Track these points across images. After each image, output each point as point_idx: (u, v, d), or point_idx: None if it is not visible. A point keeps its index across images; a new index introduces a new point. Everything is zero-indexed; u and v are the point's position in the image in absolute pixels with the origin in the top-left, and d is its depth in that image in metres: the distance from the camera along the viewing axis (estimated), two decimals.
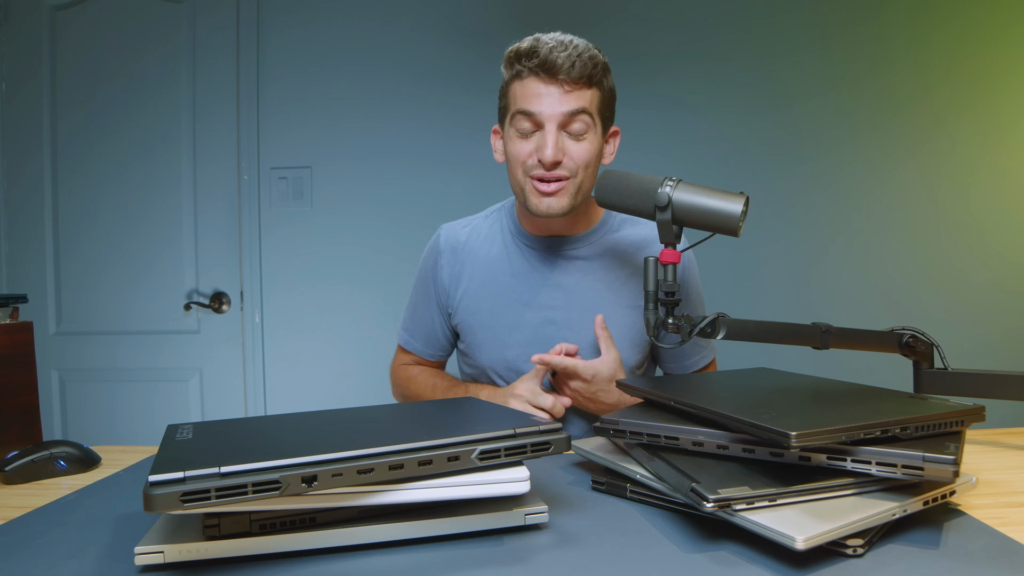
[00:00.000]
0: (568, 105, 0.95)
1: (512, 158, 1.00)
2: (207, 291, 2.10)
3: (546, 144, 0.95)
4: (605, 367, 0.96)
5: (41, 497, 0.72)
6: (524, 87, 0.97)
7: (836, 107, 2.04)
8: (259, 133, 2.09)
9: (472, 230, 1.16)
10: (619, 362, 0.98)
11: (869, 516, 0.51)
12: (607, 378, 0.96)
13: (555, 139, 0.95)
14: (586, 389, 0.97)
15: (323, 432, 0.62)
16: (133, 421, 2.09)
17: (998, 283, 2.04)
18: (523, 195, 1.01)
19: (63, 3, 2.10)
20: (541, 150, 0.95)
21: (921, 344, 0.88)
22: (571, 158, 0.97)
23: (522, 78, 0.97)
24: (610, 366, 0.97)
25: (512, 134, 1.00)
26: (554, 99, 0.95)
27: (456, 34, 2.06)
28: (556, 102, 0.95)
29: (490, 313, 1.09)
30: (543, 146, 0.95)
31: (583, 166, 0.98)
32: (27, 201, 2.11)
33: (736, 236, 0.76)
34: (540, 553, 0.53)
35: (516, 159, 0.99)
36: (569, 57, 0.93)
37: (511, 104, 0.99)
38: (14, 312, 0.97)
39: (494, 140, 1.09)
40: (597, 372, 0.96)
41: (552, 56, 0.93)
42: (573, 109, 0.95)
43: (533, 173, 0.98)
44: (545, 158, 0.95)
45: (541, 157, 0.95)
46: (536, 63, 0.94)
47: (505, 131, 1.02)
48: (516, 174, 1.00)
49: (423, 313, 1.18)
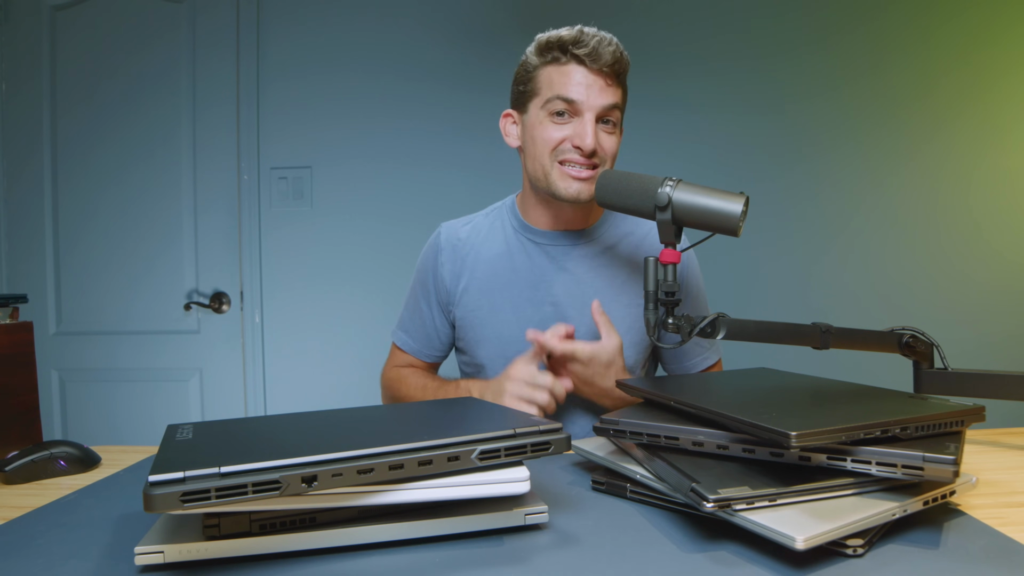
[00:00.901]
0: (608, 98, 0.98)
1: (542, 141, 1.00)
2: (207, 291, 2.10)
3: (586, 132, 0.97)
4: (604, 351, 0.94)
5: (41, 497, 0.72)
6: (564, 74, 0.98)
7: (836, 107, 2.04)
8: (259, 133, 2.09)
9: (473, 227, 1.16)
10: (619, 347, 0.96)
11: (869, 516, 0.51)
12: (605, 362, 0.94)
13: (594, 128, 0.98)
14: (583, 371, 0.94)
15: (323, 432, 0.62)
16: (133, 421, 2.09)
17: (998, 283, 2.04)
18: (547, 179, 1.01)
19: (63, 3, 2.10)
20: (581, 137, 0.97)
21: (921, 344, 0.88)
22: (603, 149, 1.00)
23: (561, 64, 0.98)
24: (609, 351, 0.94)
25: (543, 117, 1.00)
26: (596, 90, 0.97)
27: (456, 34, 2.06)
28: (598, 93, 0.97)
29: (491, 310, 1.09)
30: (583, 134, 0.97)
31: (610, 158, 1.02)
32: (27, 201, 2.12)
33: (736, 236, 0.76)
34: (540, 553, 0.53)
35: (547, 143, 1.00)
36: (613, 53, 0.97)
37: (543, 89, 1.00)
38: (14, 312, 0.97)
39: (505, 124, 1.09)
40: (595, 355, 0.93)
41: (600, 48, 0.96)
42: (611, 103, 0.99)
43: (565, 157, 0.99)
44: (586, 146, 0.97)
45: (580, 144, 0.97)
46: (585, 52, 0.96)
47: (532, 115, 1.03)
48: (542, 158, 1.01)
49: (422, 312, 1.17)
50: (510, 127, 1.09)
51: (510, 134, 1.09)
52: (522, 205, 1.13)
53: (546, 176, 1.01)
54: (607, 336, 0.96)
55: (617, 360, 0.96)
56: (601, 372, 0.95)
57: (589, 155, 0.98)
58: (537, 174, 1.03)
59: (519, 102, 1.06)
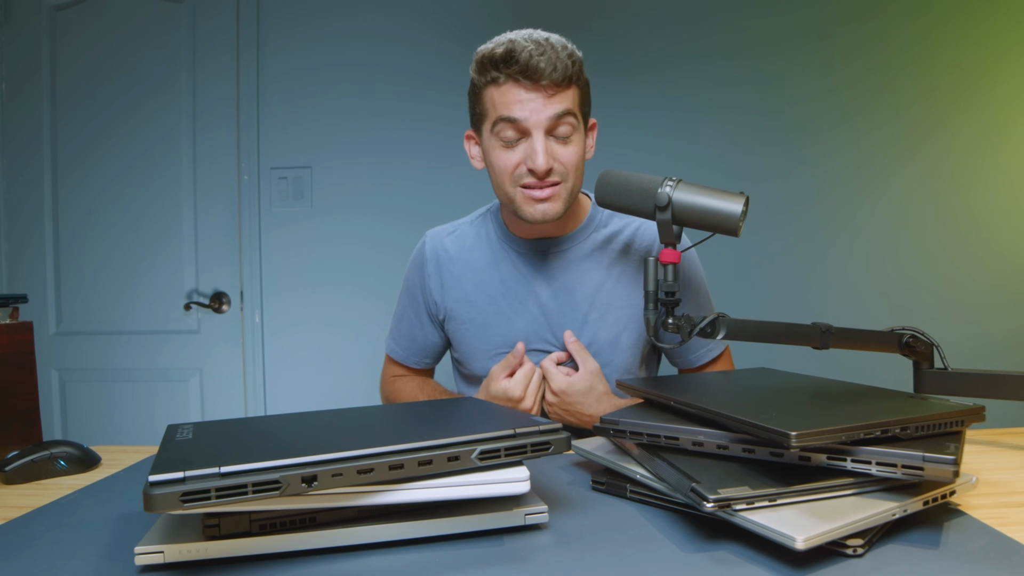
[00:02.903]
0: (553, 109, 0.91)
1: (499, 170, 0.96)
2: (207, 291, 2.10)
3: (536, 152, 0.91)
4: (578, 380, 0.97)
5: (41, 497, 0.72)
6: (504, 94, 0.92)
7: (836, 107, 2.04)
8: (259, 133, 2.09)
9: (458, 237, 1.14)
10: (597, 372, 0.98)
11: (869, 516, 0.51)
12: (582, 390, 0.96)
13: (544, 146, 0.92)
14: (560, 402, 0.97)
15: (323, 432, 0.62)
16: (133, 421, 2.09)
17: (998, 283, 2.04)
18: (513, 205, 0.98)
19: (63, 3, 2.10)
20: (532, 159, 0.92)
21: (921, 344, 0.88)
22: (560, 163, 0.94)
23: (499, 84, 0.93)
24: (584, 379, 0.97)
25: (495, 144, 0.96)
26: (538, 105, 0.91)
27: (456, 34, 2.06)
28: (541, 107, 0.91)
29: (481, 323, 1.08)
30: (533, 155, 0.92)
31: (572, 169, 0.96)
32: (27, 201, 2.12)
33: (736, 236, 0.76)
34: (540, 553, 0.53)
35: (504, 170, 0.95)
36: (550, 61, 0.89)
37: (489, 111, 0.95)
38: (14, 312, 0.97)
39: (469, 146, 1.05)
40: (569, 385, 0.96)
41: (533, 62, 0.89)
42: (559, 112, 0.92)
43: (523, 182, 0.95)
44: (538, 167, 0.92)
45: (533, 167, 0.92)
46: (516, 69, 0.90)
47: (485, 139, 0.98)
48: (504, 185, 0.97)
49: (410, 321, 1.17)
50: (473, 148, 1.05)
51: (474, 156, 1.04)
52: (505, 214, 1.11)
53: (511, 202, 0.98)
54: (582, 364, 0.98)
55: (597, 385, 0.98)
56: (581, 401, 0.97)
57: (544, 175, 0.93)
58: (503, 199, 1.01)
59: (474, 123, 1.02)
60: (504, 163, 0.95)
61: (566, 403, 0.97)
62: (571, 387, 0.96)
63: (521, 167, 0.94)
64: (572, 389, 0.96)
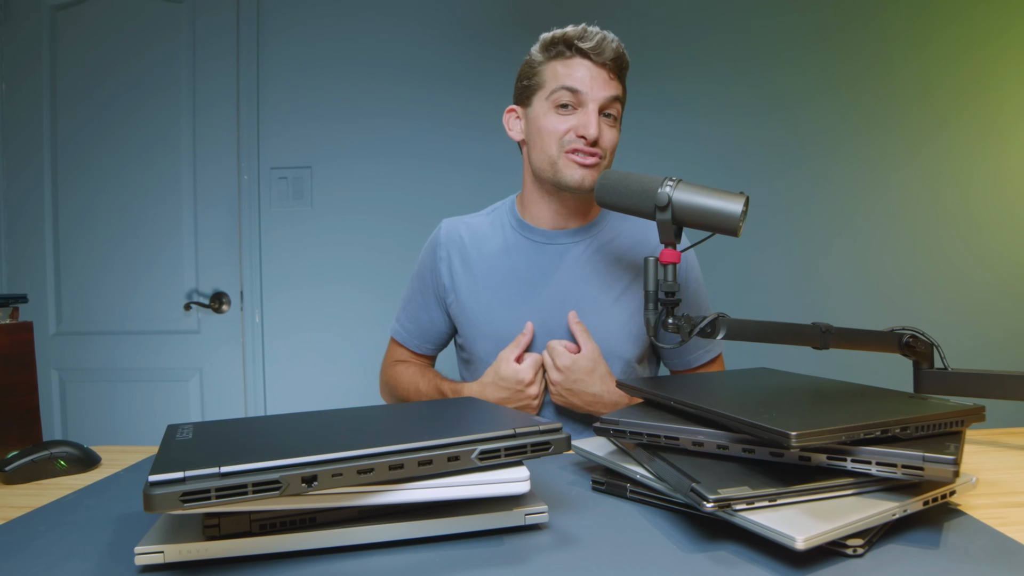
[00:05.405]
0: (610, 91, 1.01)
1: (548, 132, 1.03)
2: (207, 291, 2.10)
3: (590, 122, 1.00)
4: (583, 358, 0.99)
5: (41, 497, 0.72)
6: (569, 66, 1.02)
7: (836, 107, 2.04)
8: (259, 133, 2.09)
9: (473, 225, 1.17)
10: (598, 353, 1.01)
11: (869, 516, 0.51)
12: (586, 369, 0.99)
13: (597, 119, 1.01)
14: (564, 379, 0.99)
15: (323, 432, 0.62)
16: (133, 421, 2.09)
17: (998, 283, 2.03)
18: (553, 168, 1.03)
19: (63, 3, 2.10)
20: (585, 127, 1.00)
21: (921, 344, 0.88)
22: (605, 139, 1.02)
23: (567, 58, 1.02)
24: (587, 357, 0.99)
25: (547, 109, 1.03)
26: (600, 82, 1.01)
27: (456, 34, 2.06)
28: (601, 85, 1.01)
29: (488, 307, 1.10)
30: (587, 124, 1.00)
31: (610, 151, 1.04)
32: (27, 201, 2.11)
33: (736, 236, 0.76)
34: (540, 553, 0.53)
35: (553, 133, 1.02)
36: (615, 49, 1.02)
37: (549, 81, 1.03)
38: (14, 312, 0.97)
39: (509, 119, 1.12)
40: (574, 362, 0.98)
41: (603, 44, 1.01)
42: (614, 95, 1.02)
43: (570, 147, 1.02)
44: (590, 134, 1.00)
45: (585, 133, 1.00)
46: (589, 46, 1.00)
47: (536, 108, 1.05)
48: (548, 148, 1.03)
49: (418, 304, 1.19)
50: (513, 122, 1.12)
51: (513, 128, 1.12)
52: (521, 204, 1.15)
53: (552, 165, 1.03)
54: (584, 344, 1.01)
55: (599, 366, 1.00)
56: (584, 379, 0.99)
57: (592, 144, 1.01)
58: (543, 164, 1.05)
59: (523, 97, 1.09)
60: (555, 126, 1.03)
61: (571, 380, 0.99)
62: (575, 364, 0.99)
63: (570, 133, 1.02)
64: (576, 366, 0.98)
